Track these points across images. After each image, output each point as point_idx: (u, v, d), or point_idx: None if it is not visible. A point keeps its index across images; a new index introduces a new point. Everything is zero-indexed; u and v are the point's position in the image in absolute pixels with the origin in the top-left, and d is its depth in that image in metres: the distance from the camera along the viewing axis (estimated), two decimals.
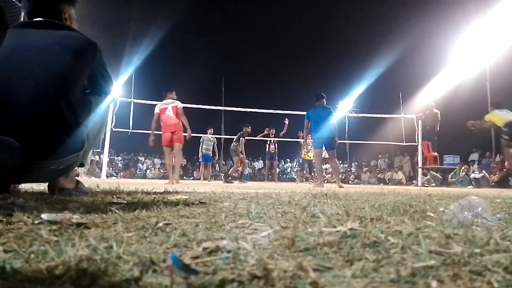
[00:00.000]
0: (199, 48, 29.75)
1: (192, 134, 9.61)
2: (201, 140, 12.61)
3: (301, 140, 11.66)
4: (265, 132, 12.68)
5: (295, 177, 14.97)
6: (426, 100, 14.23)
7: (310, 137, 8.36)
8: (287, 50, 30.93)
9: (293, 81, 27.96)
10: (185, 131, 6.94)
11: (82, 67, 1.91)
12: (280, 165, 20.11)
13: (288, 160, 23.27)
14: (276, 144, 13.22)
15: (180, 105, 6.88)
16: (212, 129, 12.79)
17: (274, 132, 12.77)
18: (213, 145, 12.79)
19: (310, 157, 13.00)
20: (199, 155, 12.90)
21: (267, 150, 13.37)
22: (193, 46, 29.59)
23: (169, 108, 6.78)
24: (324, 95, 7.48)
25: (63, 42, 1.87)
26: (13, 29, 1.90)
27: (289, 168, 23.11)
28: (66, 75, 1.78)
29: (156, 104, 7.18)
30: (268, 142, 13.19)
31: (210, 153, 12.62)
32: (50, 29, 1.92)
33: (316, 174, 8.89)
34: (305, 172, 13.69)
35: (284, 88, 27.80)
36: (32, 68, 1.74)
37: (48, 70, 1.75)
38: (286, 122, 11.91)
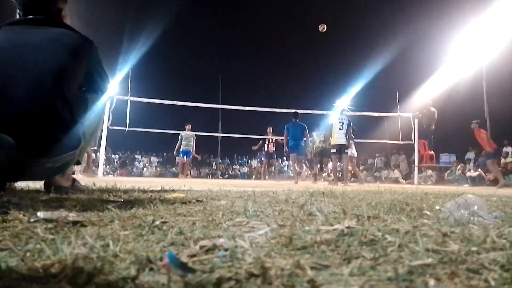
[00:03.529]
0: (196, 46, 29.66)
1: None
2: (180, 136, 12.34)
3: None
4: (260, 142, 12.94)
5: (292, 174, 14.96)
6: (423, 98, 14.28)
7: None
8: (285, 49, 30.90)
9: (290, 79, 27.97)
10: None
11: (78, 64, 1.90)
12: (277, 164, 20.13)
13: (285, 158, 23.25)
14: (274, 144, 13.20)
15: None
16: (190, 125, 12.63)
17: (272, 130, 12.80)
18: (193, 140, 12.65)
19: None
20: (175, 152, 12.50)
21: (265, 150, 13.33)
22: (190, 44, 29.50)
23: None
24: (298, 114, 10.10)
25: (58, 39, 1.85)
26: (8, 26, 1.88)
27: (286, 167, 23.10)
28: (62, 73, 1.77)
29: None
30: (267, 142, 13.17)
31: (191, 148, 12.46)
32: (45, 26, 1.90)
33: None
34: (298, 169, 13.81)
35: (281, 86, 27.82)
36: (27, 65, 1.72)
37: (43, 68, 1.73)
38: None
